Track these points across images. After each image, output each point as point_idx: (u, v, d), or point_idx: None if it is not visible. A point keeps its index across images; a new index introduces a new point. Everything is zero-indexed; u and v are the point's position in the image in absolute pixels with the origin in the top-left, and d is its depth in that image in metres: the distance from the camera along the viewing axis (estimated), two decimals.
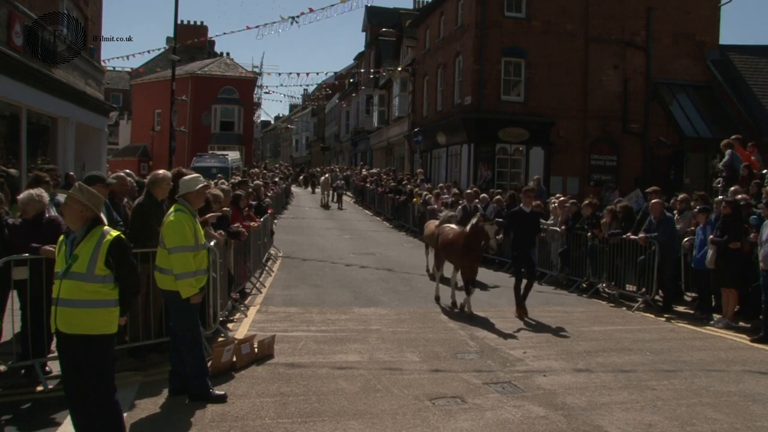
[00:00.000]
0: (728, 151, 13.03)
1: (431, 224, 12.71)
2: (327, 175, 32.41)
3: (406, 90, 33.39)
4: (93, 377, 4.13)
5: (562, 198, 14.41)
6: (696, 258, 9.88)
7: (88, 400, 4.14)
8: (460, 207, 14.17)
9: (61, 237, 4.36)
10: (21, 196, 6.08)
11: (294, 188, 37.07)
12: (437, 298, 10.39)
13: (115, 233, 4.25)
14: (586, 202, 12.55)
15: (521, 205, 10.15)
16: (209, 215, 7.34)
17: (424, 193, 20.26)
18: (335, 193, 30.26)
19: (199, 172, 6.51)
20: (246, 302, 9.70)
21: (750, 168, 12.30)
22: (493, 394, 5.89)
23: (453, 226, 10.44)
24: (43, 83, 14.73)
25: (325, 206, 29.12)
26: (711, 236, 9.42)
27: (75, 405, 4.21)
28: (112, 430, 4.24)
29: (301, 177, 44.46)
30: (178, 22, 23.76)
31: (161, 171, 6.83)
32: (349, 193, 33.63)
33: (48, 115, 16.28)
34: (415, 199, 20.90)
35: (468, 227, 9.57)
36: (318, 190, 33.87)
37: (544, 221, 13.55)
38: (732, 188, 11.08)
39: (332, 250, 16.31)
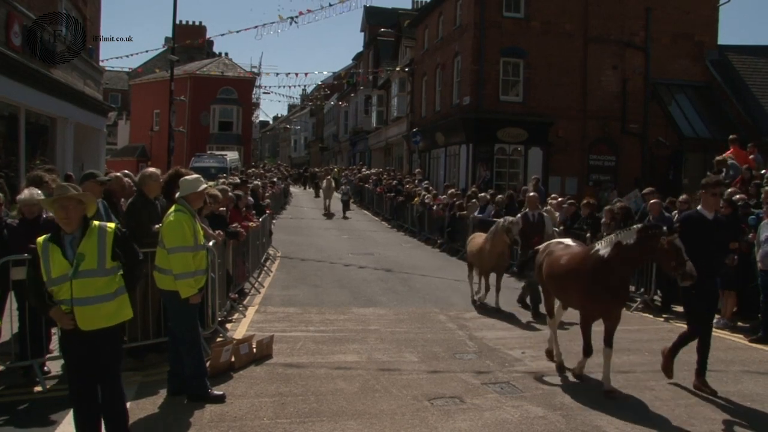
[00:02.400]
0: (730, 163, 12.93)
1: (478, 238, 10.49)
2: (329, 178, 28.75)
3: (405, 90, 33.40)
4: (110, 363, 4.29)
5: (560, 199, 14.38)
6: None
7: (105, 383, 4.26)
8: (519, 216, 10.62)
9: (42, 239, 4.20)
10: (23, 196, 6.03)
11: (293, 189, 36.93)
12: (557, 359, 6.83)
13: (113, 225, 4.36)
14: (585, 201, 12.54)
15: (699, 207, 6.37)
16: (218, 232, 7.39)
17: (423, 192, 20.26)
18: (340, 201, 26.54)
19: (197, 173, 6.51)
20: (245, 302, 9.69)
21: (750, 170, 12.31)
22: (492, 395, 5.89)
23: (568, 242, 6.84)
24: (42, 83, 14.73)
25: (328, 215, 25.74)
26: None
27: (81, 401, 4.25)
28: (120, 417, 4.36)
29: (302, 178, 44.05)
30: (177, 22, 23.78)
31: (150, 168, 6.85)
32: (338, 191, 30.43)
33: (47, 115, 16.28)
34: (415, 199, 20.92)
35: (604, 247, 5.91)
36: (320, 193, 30.19)
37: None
38: (729, 189, 11.09)
39: (331, 250, 16.32)
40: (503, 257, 9.96)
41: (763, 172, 12.18)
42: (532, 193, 11.26)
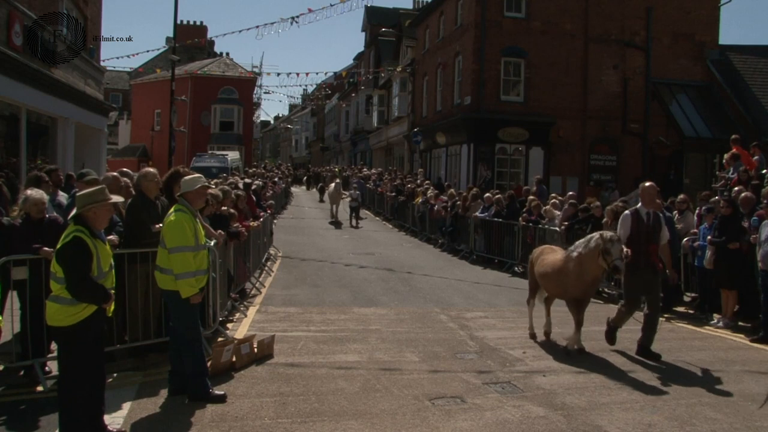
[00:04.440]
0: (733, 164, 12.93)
1: (550, 253, 7.92)
2: (338, 182, 25.54)
3: (406, 90, 33.40)
4: None
5: (569, 195, 14.33)
6: (697, 255, 9.89)
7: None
8: (628, 213, 7.42)
9: (86, 236, 4.41)
10: (33, 195, 6.01)
11: (294, 189, 36.86)
12: None
13: None
14: (583, 205, 12.47)
15: None
16: (219, 232, 7.40)
17: (429, 191, 20.24)
18: (350, 208, 23.39)
19: (199, 172, 6.52)
20: (246, 302, 9.69)
21: (747, 171, 12.29)
22: (493, 394, 5.89)
23: None
24: (43, 83, 14.74)
25: (336, 223, 22.98)
26: (709, 237, 9.44)
27: (90, 396, 4.57)
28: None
29: (305, 178, 43.77)
30: (178, 22, 23.76)
31: (146, 168, 6.87)
32: (346, 193, 27.53)
33: (47, 115, 16.30)
34: (417, 199, 20.93)
35: None
36: (326, 197, 27.19)
37: (542, 220, 13.48)
38: (735, 189, 11.08)
39: (331, 250, 16.32)
40: (595, 284, 7.54)
41: (764, 172, 12.16)
42: (648, 183, 7.68)
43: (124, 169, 8.10)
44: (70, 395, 4.46)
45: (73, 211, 4.61)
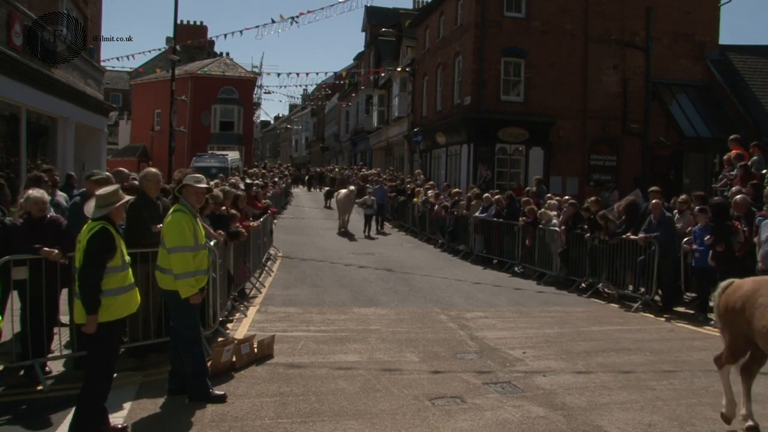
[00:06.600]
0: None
1: (748, 291, 4.91)
2: (352, 188, 21.35)
3: (406, 90, 33.38)
4: None
5: (568, 196, 14.30)
6: (694, 256, 9.90)
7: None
8: None
9: (112, 230, 4.69)
10: (34, 195, 6.00)
11: (295, 190, 36.78)
12: None
13: None
14: (593, 199, 12.43)
15: None
16: (219, 232, 7.39)
17: (428, 190, 20.20)
18: (364, 217, 20.42)
19: (199, 172, 6.54)
20: (246, 302, 9.69)
21: (747, 169, 12.26)
22: (493, 394, 5.89)
23: None
24: (43, 83, 14.73)
25: (346, 233, 19.92)
26: (707, 237, 9.46)
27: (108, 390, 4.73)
28: None
29: (307, 178, 43.50)
30: (178, 22, 23.75)
31: (149, 168, 6.88)
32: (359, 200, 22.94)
33: (47, 115, 16.28)
34: (415, 199, 20.94)
35: None
36: (333, 204, 24.78)
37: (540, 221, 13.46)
38: (734, 188, 11.08)
39: (331, 250, 16.32)
40: None
41: (764, 172, 12.16)
42: None
43: (120, 168, 8.12)
44: (94, 390, 4.53)
45: (92, 210, 4.74)
